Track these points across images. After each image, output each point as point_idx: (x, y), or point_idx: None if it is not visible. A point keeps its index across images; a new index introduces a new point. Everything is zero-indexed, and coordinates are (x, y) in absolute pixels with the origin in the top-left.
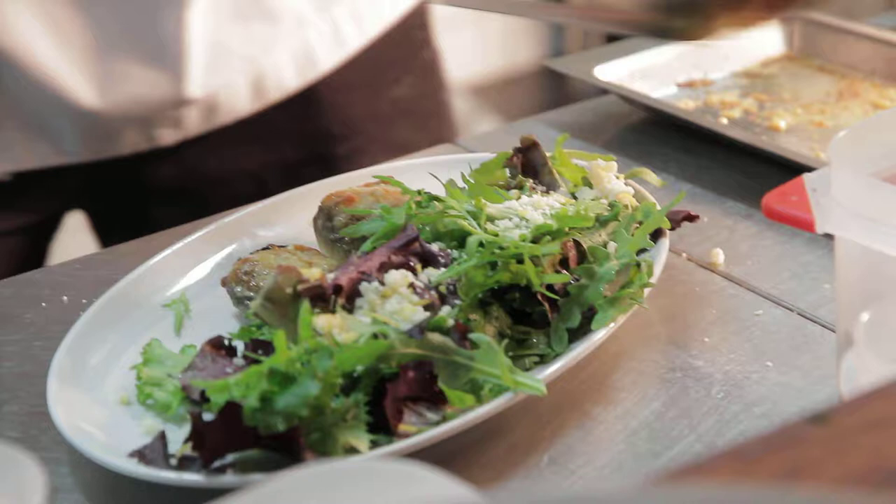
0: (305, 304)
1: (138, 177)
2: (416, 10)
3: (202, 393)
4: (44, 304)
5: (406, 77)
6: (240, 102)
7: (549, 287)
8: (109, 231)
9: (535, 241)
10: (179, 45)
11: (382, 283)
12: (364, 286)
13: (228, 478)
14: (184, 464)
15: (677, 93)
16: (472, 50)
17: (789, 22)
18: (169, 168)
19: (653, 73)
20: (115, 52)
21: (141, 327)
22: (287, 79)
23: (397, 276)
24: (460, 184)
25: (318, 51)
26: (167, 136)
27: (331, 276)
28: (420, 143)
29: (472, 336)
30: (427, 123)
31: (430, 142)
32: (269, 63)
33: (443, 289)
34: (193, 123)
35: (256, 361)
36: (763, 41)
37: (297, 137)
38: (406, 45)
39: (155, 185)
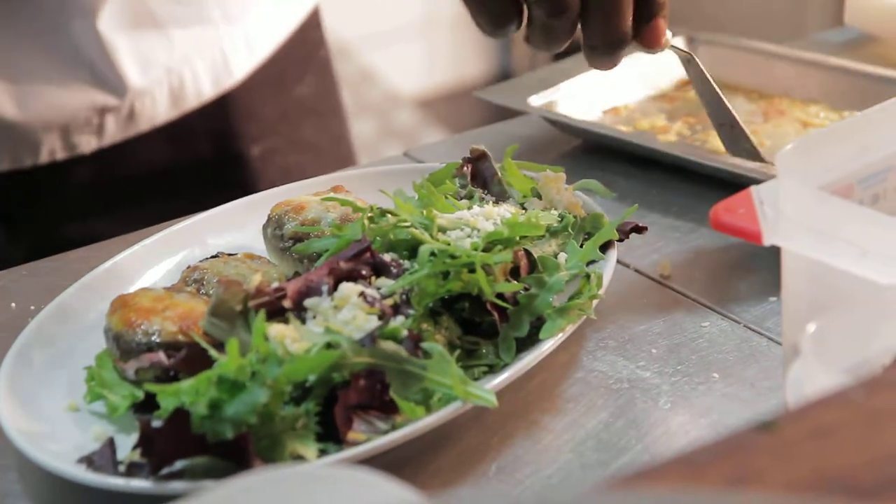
0: (261, 314)
1: (54, 185)
2: (311, 10)
3: (150, 398)
4: None
5: (307, 76)
6: (158, 110)
7: (500, 296)
8: (19, 240)
9: (486, 250)
10: (96, 55)
11: (333, 292)
12: (316, 299)
13: (177, 484)
14: (132, 470)
15: (605, 119)
16: (419, 63)
17: (693, 44)
18: (85, 174)
19: (577, 99)
20: (31, 61)
21: (90, 334)
22: (204, 87)
23: (349, 287)
24: (410, 193)
25: (232, 60)
26: (86, 144)
27: (275, 284)
28: (323, 143)
29: (425, 345)
30: (328, 122)
31: (331, 141)
32: (187, 73)
33: (396, 298)
34: (112, 131)
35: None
36: (671, 64)
37: (212, 139)
38: (305, 45)
39: (70, 191)
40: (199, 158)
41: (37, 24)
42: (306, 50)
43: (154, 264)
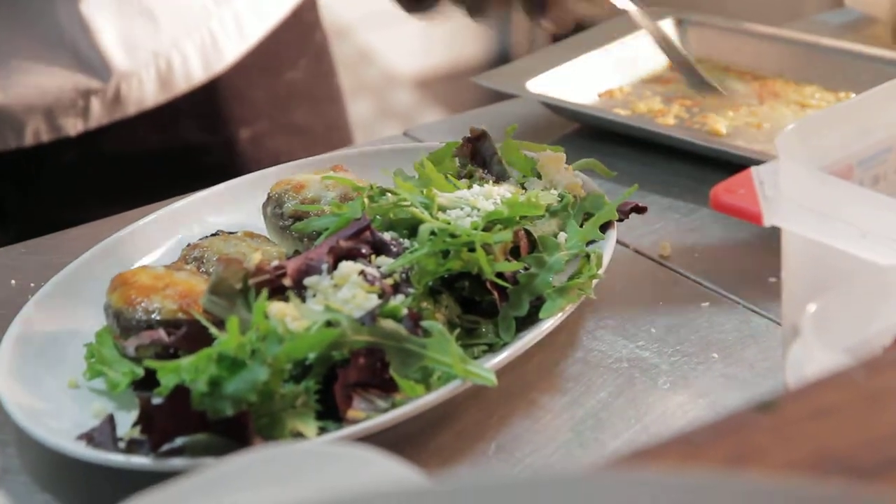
0: (263, 292)
1: (42, 168)
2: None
3: (150, 375)
4: None
5: (301, 60)
6: (146, 93)
7: (500, 275)
8: (9, 225)
9: (486, 229)
10: (79, 37)
11: (332, 271)
12: (316, 277)
13: (176, 461)
14: (132, 447)
15: (601, 102)
16: (417, 44)
17: (683, 26)
18: (73, 157)
19: (574, 83)
20: (13, 42)
21: (90, 311)
22: (194, 71)
23: (349, 265)
24: (410, 173)
25: (223, 43)
26: (72, 127)
27: (275, 263)
28: (317, 127)
29: (425, 324)
30: (322, 107)
31: (325, 126)
32: (176, 56)
33: (396, 277)
34: (98, 114)
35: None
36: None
37: (201, 123)
38: (299, 28)
39: (59, 174)
40: (189, 142)
41: (19, 5)
42: (301, 33)
43: (154, 242)
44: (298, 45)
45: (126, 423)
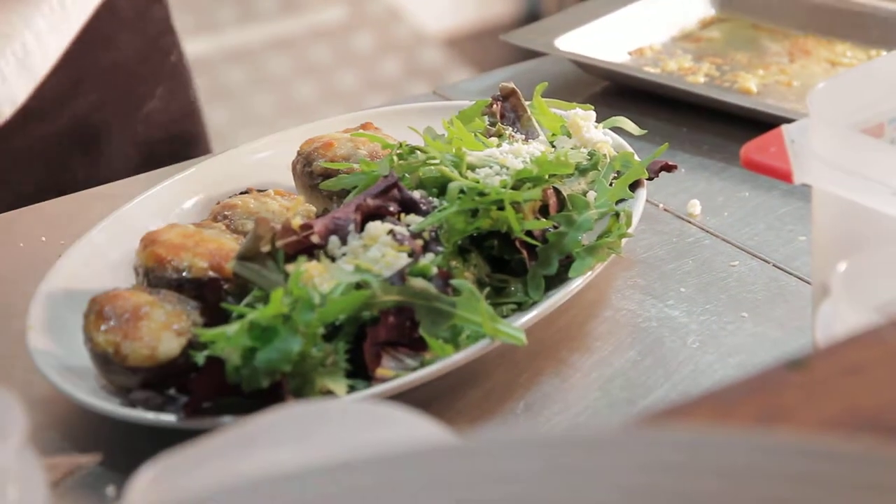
0: (300, 259)
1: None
2: (158, 17)
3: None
4: (21, 244)
5: (158, 89)
6: None
7: (529, 234)
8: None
9: (515, 187)
10: None
11: (361, 230)
12: (346, 236)
13: (205, 420)
14: (163, 405)
15: (631, 61)
16: (446, 2)
17: None
18: None
19: (603, 41)
20: None
21: (119, 270)
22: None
23: (378, 224)
24: (440, 131)
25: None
26: None
27: (302, 221)
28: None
29: (455, 283)
30: (179, 127)
31: (181, 143)
32: None
33: (425, 236)
34: None
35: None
36: (689, 2)
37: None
38: (156, 57)
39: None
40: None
41: None
42: (157, 61)
43: (183, 201)
44: (155, 74)
45: None
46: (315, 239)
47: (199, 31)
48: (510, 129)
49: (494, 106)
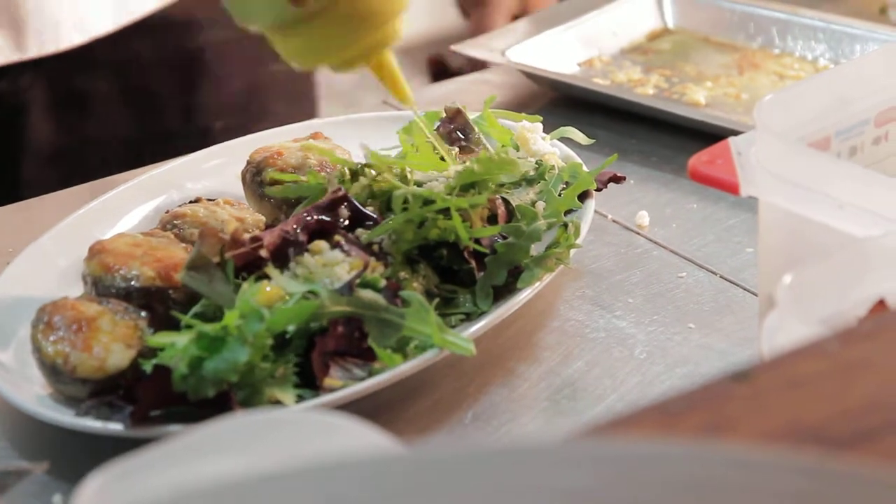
0: (250, 280)
1: (10, 134)
2: None
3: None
4: None
5: None
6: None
7: (477, 242)
8: None
9: (461, 195)
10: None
11: (308, 242)
12: (295, 247)
13: (152, 429)
14: (109, 413)
15: (581, 72)
16: None
17: None
18: (44, 128)
19: (553, 53)
20: None
21: (68, 279)
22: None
23: (326, 236)
24: (391, 142)
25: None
26: None
27: (251, 235)
28: (290, 122)
29: (404, 294)
30: (300, 104)
31: (303, 117)
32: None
33: (374, 248)
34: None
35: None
36: (639, 15)
37: (177, 110)
38: None
39: (30, 144)
40: (164, 128)
41: None
42: None
43: (132, 209)
44: None
45: None
46: (263, 253)
47: None
48: (457, 150)
49: (442, 128)
